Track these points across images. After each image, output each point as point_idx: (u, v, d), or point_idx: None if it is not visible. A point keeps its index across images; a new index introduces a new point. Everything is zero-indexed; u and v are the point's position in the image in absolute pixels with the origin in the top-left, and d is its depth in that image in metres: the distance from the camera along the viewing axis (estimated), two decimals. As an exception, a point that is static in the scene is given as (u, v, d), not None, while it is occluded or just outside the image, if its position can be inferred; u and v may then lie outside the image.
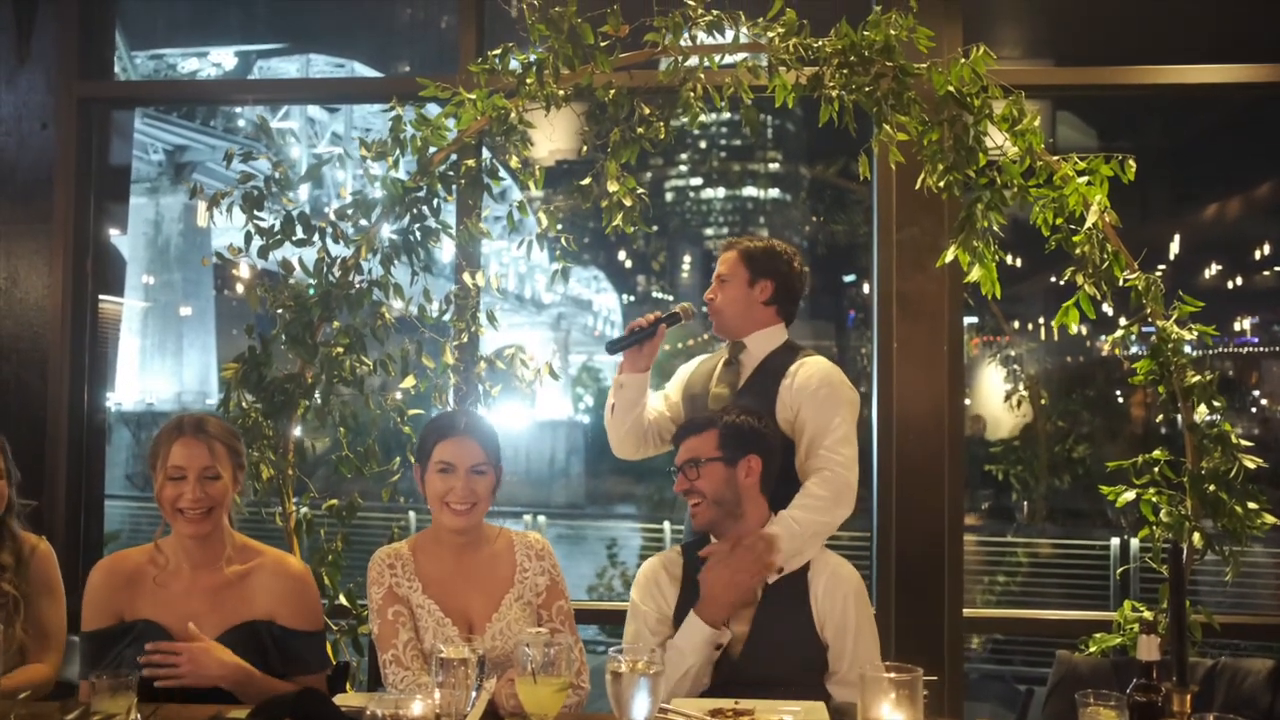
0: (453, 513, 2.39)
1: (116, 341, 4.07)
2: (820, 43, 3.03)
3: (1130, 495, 3.09)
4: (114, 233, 4.06)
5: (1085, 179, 3.02)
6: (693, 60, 3.10)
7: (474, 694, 1.87)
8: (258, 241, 3.10)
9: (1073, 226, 3.05)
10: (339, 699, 2.11)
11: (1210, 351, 3.05)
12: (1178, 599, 1.73)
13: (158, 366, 28.18)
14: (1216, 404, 3.04)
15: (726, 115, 3.16)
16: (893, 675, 1.66)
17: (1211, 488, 3.02)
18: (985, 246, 3.09)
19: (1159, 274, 3.10)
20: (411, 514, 7.95)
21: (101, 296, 3.94)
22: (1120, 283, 3.04)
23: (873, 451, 3.53)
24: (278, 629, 2.34)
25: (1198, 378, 3.02)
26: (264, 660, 2.32)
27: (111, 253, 4.04)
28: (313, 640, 2.40)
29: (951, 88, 2.99)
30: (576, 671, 2.34)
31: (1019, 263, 3.20)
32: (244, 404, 3.09)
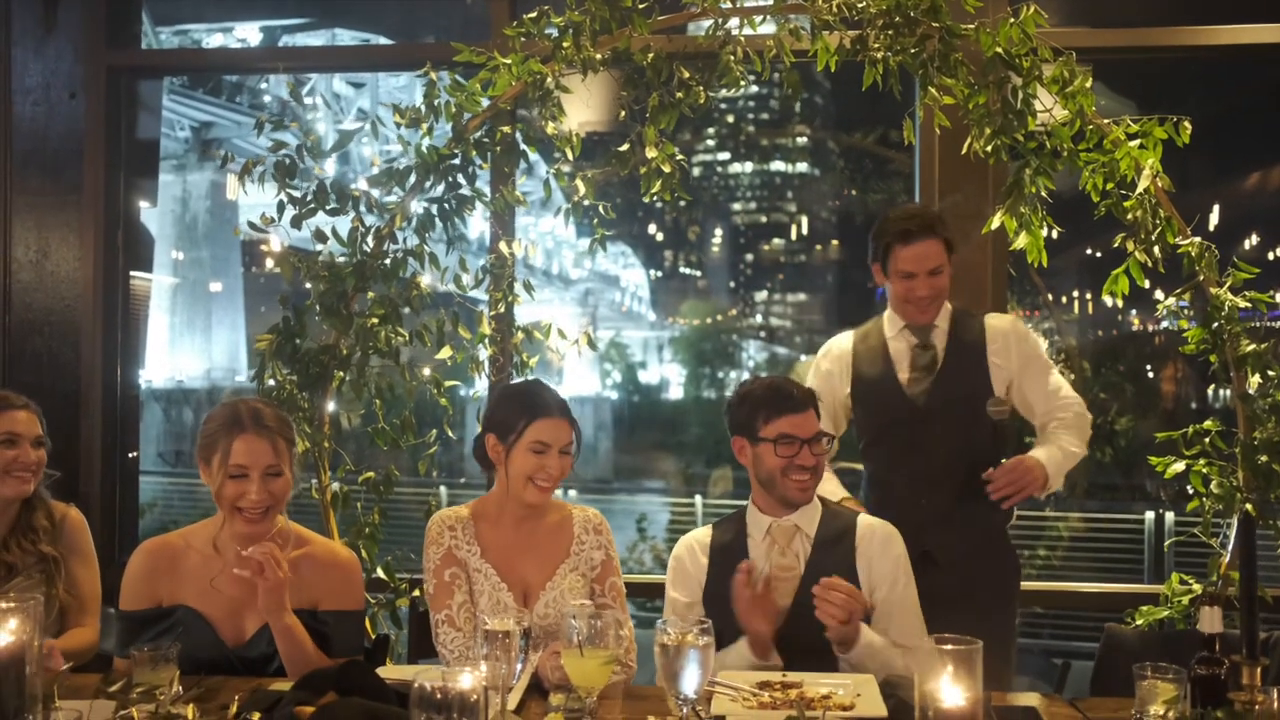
0: (537, 489, 2.39)
1: (146, 318, 4.06)
2: (864, 3, 2.95)
3: (1180, 466, 3.03)
4: (144, 205, 4.04)
5: (1137, 142, 2.93)
6: (733, 23, 3.03)
7: (519, 666, 1.84)
8: (289, 212, 3.07)
9: (1123, 192, 2.97)
10: (378, 672, 2.09)
11: (1261, 324, 2.98)
12: (1249, 570, 1.67)
13: (187, 344, 28.36)
14: (1271, 373, 2.96)
15: (754, 89, 3.09)
16: (952, 647, 1.61)
17: (1264, 459, 2.95)
18: (1033, 213, 3.02)
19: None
20: (443, 489, 7.99)
21: (131, 273, 3.93)
22: (1174, 250, 2.97)
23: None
24: (320, 613, 2.31)
25: (1252, 346, 2.95)
26: None
27: (140, 229, 4.02)
28: (350, 619, 2.37)
29: (1000, 49, 2.91)
30: (625, 650, 2.32)
31: (1054, 235, 3.13)
32: (278, 376, 3.07)
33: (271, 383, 3.08)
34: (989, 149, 2.98)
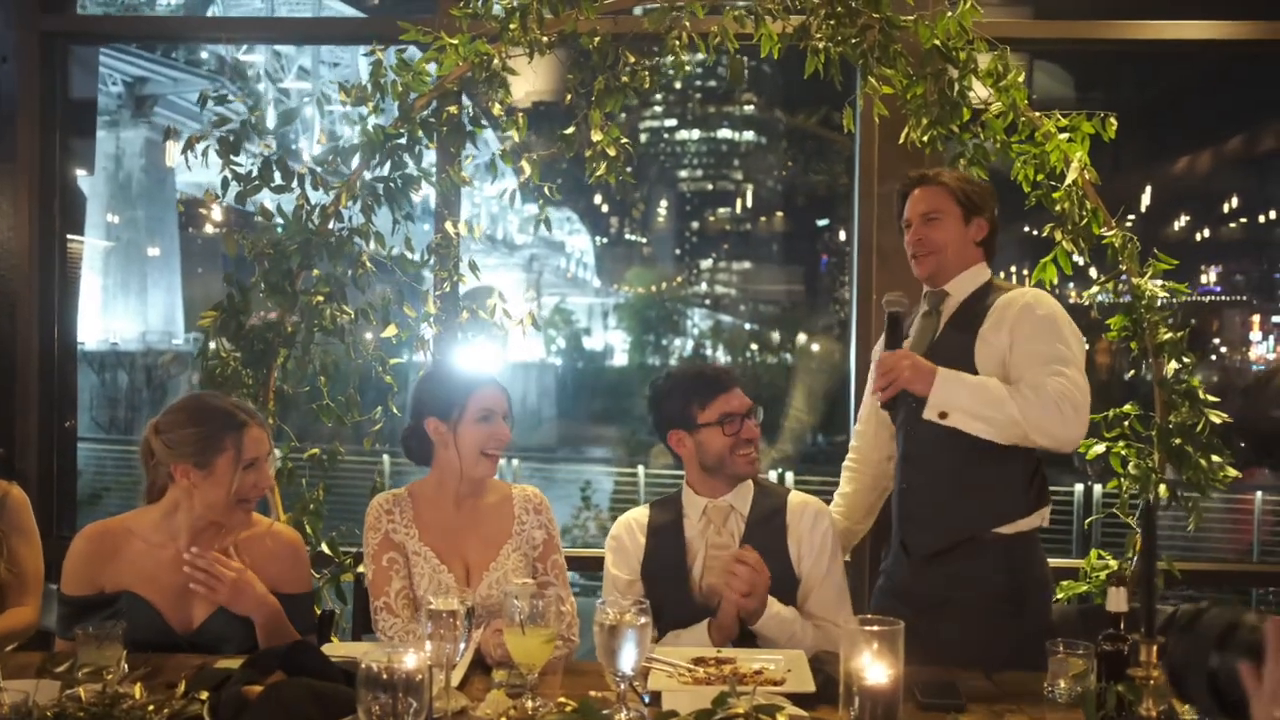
0: (489, 460, 2.45)
1: (78, 281, 4.01)
2: (807, -8, 3.01)
3: (1100, 448, 3.16)
4: (81, 173, 3.98)
5: (1066, 135, 3.04)
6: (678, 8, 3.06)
7: (462, 645, 1.89)
8: (234, 186, 3.06)
9: (1053, 183, 3.08)
10: (324, 648, 2.13)
11: (1176, 299, 3.12)
12: (1148, 556, 1.78)
13: (121, 306, 27.73)
14: (1186, 360, 3.10)
15: (701, 55, 3.13)
16: (875, 628, 1.71)
17: (1178, 441, 3.10)
18: (967, 200, 3.11)
19: (1130, 222, 3.14)
20: (386, 458, 7.98)
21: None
22: (1099, 240, 3.08)
23: (850, 399, 3.57)
24: (277, 597, 2.33)
25: (1169, 335, 3.08)
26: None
27: (74, 190, 3.96)
28: (302, 602, 2.41)
29: (937, 41, 2.98)
30: (568, 625, 2.39)
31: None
32: (223, 352, 3.07)
33: (214, 361, 3.07)
34: (925, 139, 3.06)
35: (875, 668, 1.69)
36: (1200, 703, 0.78)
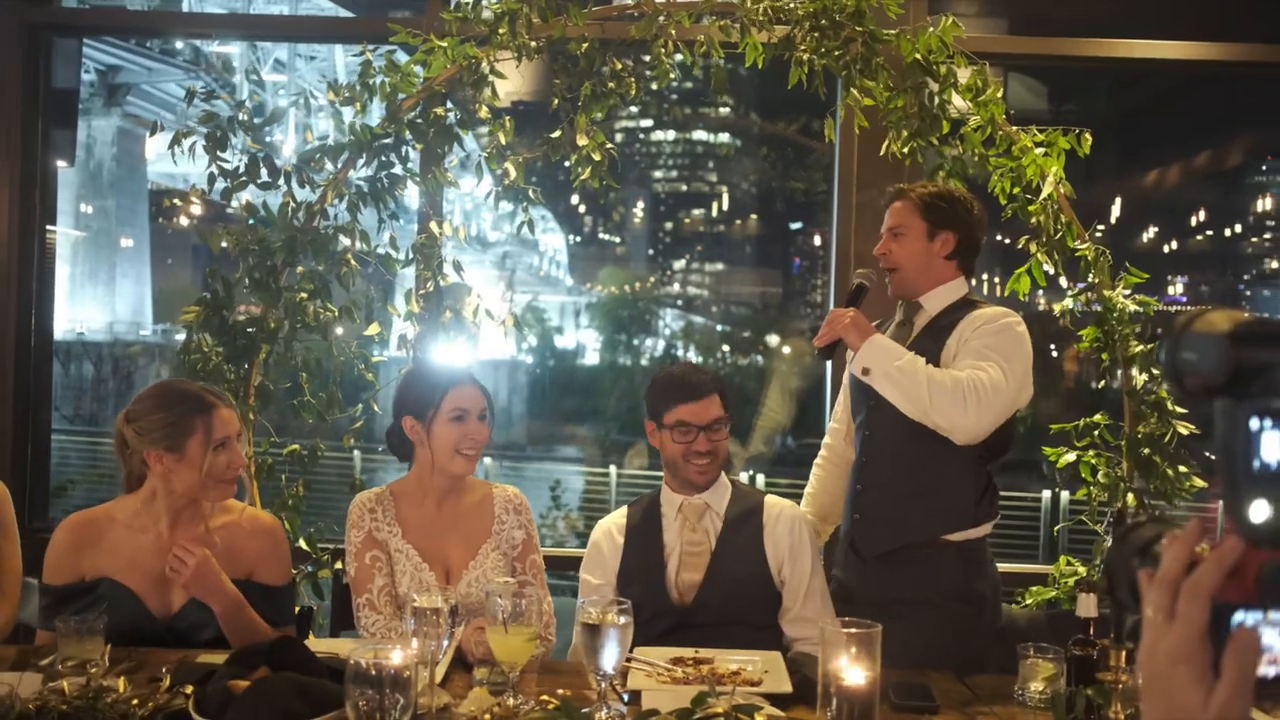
0: (465, 459, 2.46)
1: (53, 272, 3.98)
2: (792, 4, 3.05)
3: (1071, 457, 3.23)
4: (61, 164, 3.95)
5: (1042, 150, 3.10)
6: (664, 17, 3.10)
7: (445, 642, 1.92)
8: (220, 182, 3.06)
9: (1029, 196, 3.14)
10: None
11: (1146, 312, 3.18)
12: (1119, 563, 1.84)
13: (89, 296, 27.37)
14: (1155, 372, 3.17)
15: (679, 56, 3.17)
16: (852, 631, 1.75)
17: (1146, 451, 3.17)
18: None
19: (1100, 233, 3.20)
20: (356, 453, 7.96)
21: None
22: (1072, 253, 3.15)
23: (825, 403, 3.61)
24: (255, 586, 2.34)
25: (1140, 348, 3.15)
26: None
27: (51, 181, 3.94)
28: (285, 594, 2.43)
29: (919, 55, 3.04)
30: (545, 624, 2.42)
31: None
32: (205, 347, 3.07)
33: (196, 356, 3.07)
34: (905, 150, 3.11)
35: (853, 670, 1.73)
36: (1126, 603, 0.91)
